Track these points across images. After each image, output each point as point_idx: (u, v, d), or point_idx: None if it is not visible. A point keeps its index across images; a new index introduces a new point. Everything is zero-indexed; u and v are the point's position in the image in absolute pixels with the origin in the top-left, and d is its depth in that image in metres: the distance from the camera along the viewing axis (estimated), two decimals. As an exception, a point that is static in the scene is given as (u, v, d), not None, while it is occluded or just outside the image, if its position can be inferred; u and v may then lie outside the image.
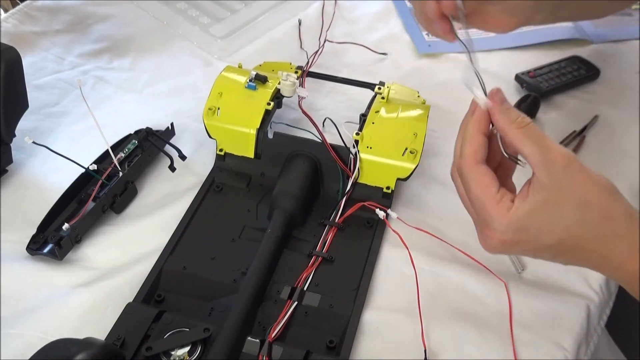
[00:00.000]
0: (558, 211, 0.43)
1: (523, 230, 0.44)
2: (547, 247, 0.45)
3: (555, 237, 0.44)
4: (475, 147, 0.47)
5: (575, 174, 0.43)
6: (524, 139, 0.45)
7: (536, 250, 0.46)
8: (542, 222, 0.43)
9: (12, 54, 0.66)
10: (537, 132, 0.45)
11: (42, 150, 0.65)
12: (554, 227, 0.43)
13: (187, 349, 0.52)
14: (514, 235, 0.44)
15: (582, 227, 0.43)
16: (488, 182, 0.46)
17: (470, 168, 0.47)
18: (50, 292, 0.59)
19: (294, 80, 0.71)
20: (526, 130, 0.45)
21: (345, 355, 0.54)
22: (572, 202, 0.43)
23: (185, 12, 0.96)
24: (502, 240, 0.45)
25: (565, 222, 0.43)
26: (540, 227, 0.44)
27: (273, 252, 0.61)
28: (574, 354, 0.57)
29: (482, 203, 0.46)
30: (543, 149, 0.44)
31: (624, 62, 0.91)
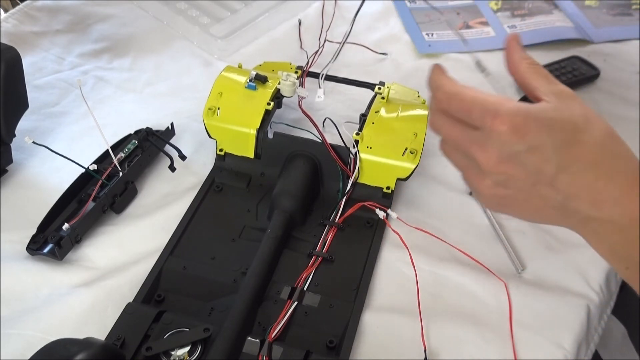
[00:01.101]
0: (568, 116, 0.43)
1: (533, 119, 0.42)
2: (555, 149, 0.42)
3: (564, 136, 0.42)
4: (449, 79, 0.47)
5: (582, 104, 0.45)
6: (535, 73, 0.47)
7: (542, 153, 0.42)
8: (553, 120, 0.43)
9: (12, 54, 0.66)
10: (546, 71, 0.47)
11: (42, 150, 0.65)
12: (564, 126, 0.43)
13: (187, 349, 0.52)
14: (524, 119, 0.42)
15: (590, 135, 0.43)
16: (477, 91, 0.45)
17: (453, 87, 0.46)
18: (50, 292, 0.59)
19: (294, 80, 0.71)
20: (537, 69, 0.47)
21: (345, 355, 0.54)
22: (580, 115, 0.44)
23: (185, 12, 0.96)
24: (512, 124, 0.42)
25: (574, 126, 0.43)
26: (551, 122, 0.42)
27: (273, 252, 0.61)
28: (574, 354, 0.57)
29: (483, 99, 0.44)
30: (552, 83, 0.46)
31: (624, 62, 0.91)
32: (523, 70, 0.47)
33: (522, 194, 0.45)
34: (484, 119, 0.43)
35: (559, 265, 0.63)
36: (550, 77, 0.47)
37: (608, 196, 0.43)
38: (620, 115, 0.82)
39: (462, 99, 0.45)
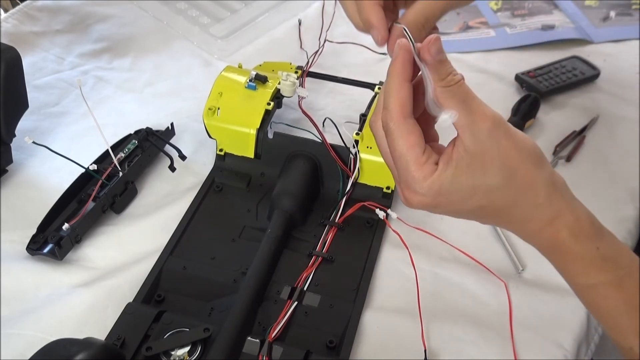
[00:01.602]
0: (481, 177, 0.42)
1: (444, 195, 0.43)
2: (468, 211, 0.44)
3: (475, 202, 0.43)
4: (402, 100, 0.43)
5: (500, 139, 0.42)
6: (450, 98, 0.42)
7: (456, 212, 0.45)
8: (464, 187, 0.42)
9: (12, 54, 0.66)
10: (465, 92, 0.42)
11: (42, 150, 0.65)
12: (475, 193, 0.43)
13: (187, 349, 0.52)
14: (434, 199, 0.43)
15: (504, 194, 0.43)
16: (414, 141, 0.43)
17: (397, 123, 0.43)
18: (50, 292, 0.59)
19: (294, 80, 0.71)
20: (453, 89, 0.42)
21: (345, 355, 0.54)
22: (495, 169, 0.42)
23: (185, 12, 0.96)
24: (422, 202, 0.44)
25: (487, 188, 0.42)
26: (461, 192, 0.43)
27: (273, 252, 0.61)
28: (574, 354, 0.57)
29: (406, 164, 0.43)
30: (469, 111, 0.41)
31: (624, 62, 0.91)
32: (438, 94, 0.42)
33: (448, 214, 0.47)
34: (401, 180, 0.45)
35: (559, 265, 0.63)
36: (469, 100, 0.42)
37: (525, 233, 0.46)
38: (620, 115, 0.82)
39: (393, 147, 0.44)
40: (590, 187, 0.71)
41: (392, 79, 0.44)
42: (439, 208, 0.45)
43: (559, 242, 0.44)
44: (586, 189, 0.62)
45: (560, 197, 0.44)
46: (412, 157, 0.43)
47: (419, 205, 0.45)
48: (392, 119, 0.43)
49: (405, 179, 0.44)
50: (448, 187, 0.43)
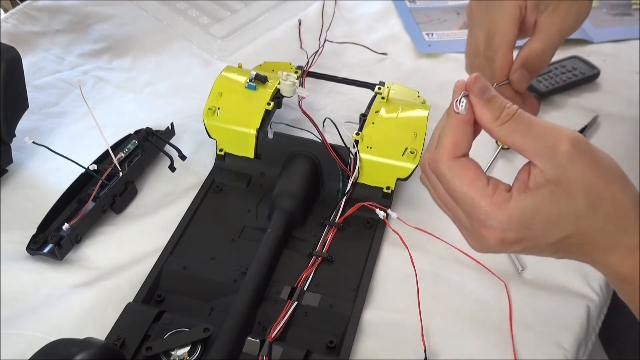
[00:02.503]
0: (567, 204, 0.38)
1: (528, 227, 0.39)
2: (552, 244, 0.40)
3: (562, 232, 0.39)
4: (456, 139, 0.41)
5: (582, 159, 0.38)
6: (512, 133, 0.39)
7: (540, 248, 0.40)
8: (551, 217, 0.38)
9: (12, 54, 0.66)
10: (526, 121, 0.39)
11: (42, 150, 0.65)
12: (563, 221, 0.38)
13: (187, 349, 0.52)
14: (518, 232, 0.39)
15: (591, 221, 0.39)
16: (473, 175, 0.40)
17: (449, 163, 0.40)
18: (50, 292, 0.59)
19: (294, 80, 0.71)
20: (511, 124, 0.39)
21: (345, 355, 0.54)
22: (581, 194, 0.38)
23: (185, 12, 0.96)
24: (503, 239, 0.39)
25: (574, 216, 0.38)
26: (548, 222, 0.38)
27: (273, 252, 0.61)
28: (574, 354, 0.57)
29: (472, 201, 0.40)
30: (538, 137, 0.39)
31: (624, 62, 0.91)
32: (498, 136, 0.40)
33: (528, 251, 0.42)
34: (472, 222, 0.41)
35: (559, 265, 0.63)
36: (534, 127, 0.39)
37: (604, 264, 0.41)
38: (620, 115, 0.82)
39: (452, 188, 0.41)
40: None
41: (450, 118, 0.41)
42: (522, 243, 0.40)
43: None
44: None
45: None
46: (477, 191, 0.40)
47: (501, 243, 0.40)
48: (443, 159, 0.41)
49: (476, 217, 0.40)
50: (532, 218, 0.39)
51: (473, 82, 0.40)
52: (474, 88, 0.40)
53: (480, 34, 0.53)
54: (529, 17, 0.53)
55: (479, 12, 0.54)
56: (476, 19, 0.54)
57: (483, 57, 0.53)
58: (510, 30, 0.52)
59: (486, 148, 0.75)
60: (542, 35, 0.53)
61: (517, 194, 0.39)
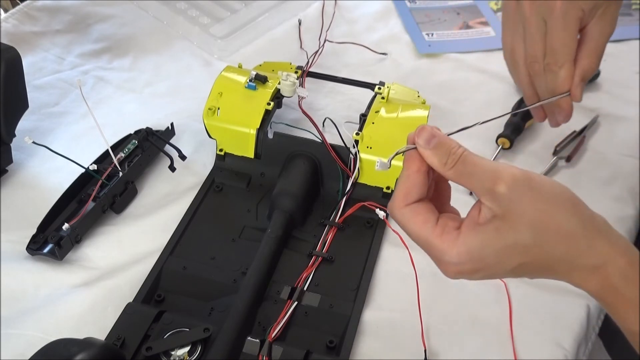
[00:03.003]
0: (513, 237, 0.40)
1: (479, 260, 0.41)
2: (509, 271, 0.42)
3: (514, 261, 0.41)
4: (407, 188, 0.44)
5: (524, 195, 0.41)
6: (459, 176, 0.42)
7: (499, 274, 0.43)
8: (498, 250, 0.41)
9: (12, 54, 0.66)
10: (471, 163, 0.42)
11: (42, 150, 0.65)
12: (512, 253, 0.41)
13: (187, 349, 0.53)
14: (469, 265, 0.42)
15: (541, 249, 0.41)
16: (423, 218, 0.43)
17: (399, 210, 0.44)
18: (50, 292, 0.59)
19: (294, 80, 0.71)
20: (458, 167, 0.42)
21: (345, 355, 0.54)
22: (525, 226, 0.40)
23: (185, 12, 0.96)
24: (460, 271, 0.42)
25: (522, 246, 0.41)
26: (497, 255, 0.41)
27: (273, 252, 0.61)
28: (574, 354, 0.57)
29: (425, 240, 0.43)
30: (481, 180, 0.41)
31: (624, 62, 0.91)
32: (449, 178, 0.43)
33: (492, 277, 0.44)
34: (432, 258, 0.44)
35: (559, 265, 0.63)
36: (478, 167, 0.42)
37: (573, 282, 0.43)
38: (620, 115, 0.82)
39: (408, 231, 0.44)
40: (590, 187, 0.71)
41: (402, 169, 0.44)
42: (478, 273, 0.42)
43: (609, 288, 0.41)
44: (586, 189, 0.62)
45: (606, 241, 0.41)
46: (427, 233, 0.43)
47: (459, 275, 0.43)
48: (395, 207, 0.44)
49: (433, 255, 0.43)
50: (480, 252, 0.41)
51: (417, 135, 0.43)
52: (419, 140, 0.43)
53: (538, 45, 0.54)
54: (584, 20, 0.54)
55: (536, 19, 0.54)
56: (533, 25, 0.54)
57: (543, 67, 0.55)
58: (574, 45, 0.53)
59: (487, 148, 0.75)
60: (595, 47, 0.54)
61: (465, 230, 0.42)
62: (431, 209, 0.44)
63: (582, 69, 0.54)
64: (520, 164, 0.72)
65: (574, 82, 0.55)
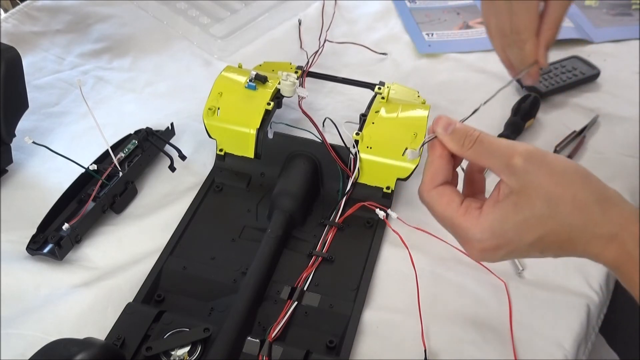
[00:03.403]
0: (530, 210, 0.43)
1: (500, 235, 0.44)
2: (530, 245, 0.44)
3: (534, 234, 0.43)
4: (432, 172, 0.47)
5: (538, 169, 0.43)
6: (478, 155, 0.45)
7: (521, 250, 0.45)
8: (517, 224, 0.43)
9: (12, 54, 0.66)
10: (487, 143, 0.45)
11: (42, 150, 0.65)
12: (530, 225, 0.43)
13: (187, 349, 0.52)
14: (492, 241, 0.44)
15: (557, 220, 0.43)
16: (448, 199, 0.46)
17: (428, 193, 0.47)
18: (50, 292, 0.59)
19: (294, 80, 0.71)
20: (477, 147, 0.45)
21: (345, 355, 0.54)
22: (541, 198, 0.43)
23: (185, 12, 0.96)
24: (483, 248, 0.45)
25: (539, 218, 0.43)
26: (516, 229, 0.43)
27: (273, 252, 0.61)
28: (574, 354, 0.57)
29: (450, 220, 0.46)
30: (499, 156, 0.44)
31: (624, 62, 0.91)
32: (468, 158, 0.47)
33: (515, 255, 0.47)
34: (457, 238, 0.47)
35: (559, 265, 0.63)
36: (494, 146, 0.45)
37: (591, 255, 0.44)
38: (620, 115, 0.82)
39: (434, 213, 0.48)
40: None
41: (428, 156, 0.48)
42: (501, 250, 0.45)
43: (625, 255, 0.43)
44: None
45: (619, 210, 0.43)
46: (452, 212, 0.46)
47: (482, 252, 0.45)
48: (424, 190, 0.48)
49: (458, 234, 0.46)
50: (500, 226, 0.44)
51: (436, 124, 0.47)
52: (438, 128, 0.47)
53: (506, 23, 0.61)
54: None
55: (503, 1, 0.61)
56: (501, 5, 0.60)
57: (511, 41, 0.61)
58: (535, 23, 0.59)
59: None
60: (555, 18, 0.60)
61: (486, 208, 0.45)
62: (455, 191, 0.47)
63: (545, 39, 0.60)
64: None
65: (539, 52, 0.61)
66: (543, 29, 0.60)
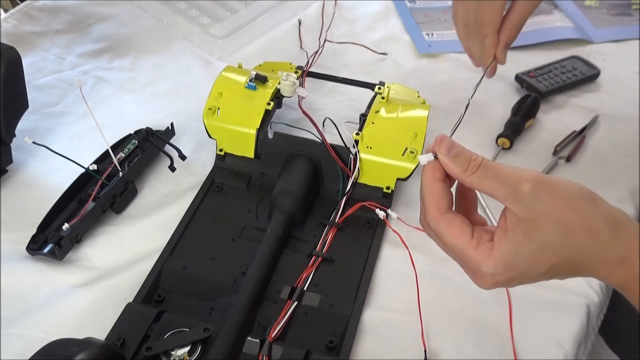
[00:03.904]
0: (542, 238, 0.42)
1: (513, 268, 0.43)
2: (542, 274, 0.44)
3: (546, 263, 0.43)
4: (435, 199, 0.45)
5: (545, 195, 0.42)
6: (482, 181, 0.43)
7: (532, 279, 0.44)
8: (530, 254, 0.42)
9: (12, 54, 0.66)
10: (492, 168, 0.43)
11: (42, 150, 0.65)
12: (542, 255, 0.42)
13: (187, 349, 0.52)
14: (505, 274, 0.43)
15: (568, 247, 0.42)
16: (458, 230, 0.45)
17: (436, 222, 0.45)
18: (50, 292, 0.59)
19: (294, 80, 0.71)
20: (481, 172, 0.43)
21: (345, 355, 0.54)
22: (551, 225, 0.42)
23: (185, 12, 0.96)
24: (495, 282, 0.44)
25: (552, 246, 0.42)
26: (529, 260, 0.42)
27: (273, 252, 0.61)
28: (574, 354, 0.57)
29: (461, 253, 0.44)
30: (504, 183, 0.43)
31: (624, 62, 0.91)
32: (470, 184, 0.44)
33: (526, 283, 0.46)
34: (466, 270, 0.46)
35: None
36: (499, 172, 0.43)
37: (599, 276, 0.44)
38: (620, 115, 0.82)
39: (444, 242, 0.46)
40: (590, 187, 0.71)
41: (423, 182, 0.46)
42: (515, 281, 0.44)
43: (633, 277, 0.42)
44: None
45: (627, 232, 0.42)
46: (464, 243, 0.44)
47: (495, 285, 0.44)
48: (432, 219, 0.45)
49: (469, 266, 0.45)
50: (514, 259, 0.42)
51: (439, 144, 0.45)
52: (441, 149, 0.44)
53: (471, 16, 0.65)
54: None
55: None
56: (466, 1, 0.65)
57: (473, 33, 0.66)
58: (498, 20, 0.63)
59: (487, 148, 0.75)
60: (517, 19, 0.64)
61: (497, 241, 0.43)
62: (464, 220, 0.45)
63: (505, 38, 0.64)
64: (521, 164, 0.72)
65: (498, 49, 0.66)
66: (504, 28, 0.64)
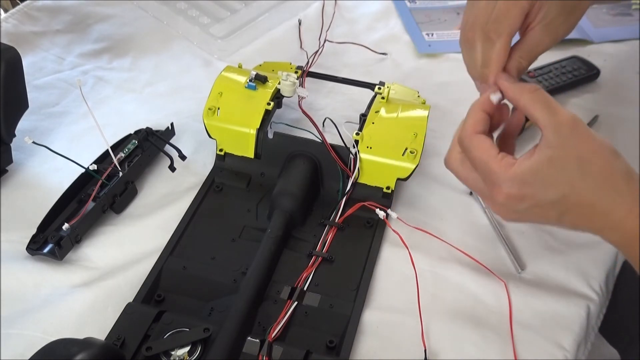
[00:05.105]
0: (561, 167, 0.45)
1: (527, 184, 0.46)
2: (552, 203, 0.46)
3: (559, 191, 0.45)
4: (475, 120, 0.51)
5: (579, 135, 0.46)
6: (535, 102, 0.48)
7: (542, 207, 0.47)
8: (546, 177, 0.46)
9: (12, 54, 0.66)
10: (546, 96, 0.48)
11: (42, 150, 0.65)
12: (557, 181, 0.45)
13: (187, 349, 0.53)
14: (519, 189, 0.46)
15: (584, 182, 0.45)
16: (488, 146, 0.49)
17: (470, 138, 0.50)
18: (50, 292, 0.59)
19: (294, 80, 0.71)
20: (536, 95, 0.48)
21: (345, 355, 0.54)
22: (574, 159, 0.45)
23: (185, 12, 0.96)
24: (508, 194, 0.47)
25: (568, 177, 0.45)
26: (544, 182, 0.46)
27: (273, 252, 0.61)
28: (574, 354, 0.57)
29: (486, 164, 0.48)
30: (552, 112, 0.47)
31: (624, 62, 0.91)
32: (524, 103, 0.49)
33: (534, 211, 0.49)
34: (485, 184, 0.50)
35: (559, 265, 0.63)
36: (550, 102, 0.48)
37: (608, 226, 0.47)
38: (620, 115, 0.82)
39: (472, 157, 0.50)
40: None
41: (472, 107, 0.52)
42: (524, 201, 0.47)
43: None
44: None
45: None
46: (490, 156, 0.48)
47: (506, 199, 0.47)
48: (466, 135, 0.50)
49: (489, 179, 0.49)
50: (530, 177, 0.46)
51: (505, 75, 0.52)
52: (513, 72, 0.53)
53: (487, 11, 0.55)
54: (530, 17, 0.54)
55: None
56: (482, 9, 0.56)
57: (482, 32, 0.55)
58: (518, 19, 0.54)
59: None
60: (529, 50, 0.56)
61: (521, 160, 0.47)
62: (493, 142, 0.50)
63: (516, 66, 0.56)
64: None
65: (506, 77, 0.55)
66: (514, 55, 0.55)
